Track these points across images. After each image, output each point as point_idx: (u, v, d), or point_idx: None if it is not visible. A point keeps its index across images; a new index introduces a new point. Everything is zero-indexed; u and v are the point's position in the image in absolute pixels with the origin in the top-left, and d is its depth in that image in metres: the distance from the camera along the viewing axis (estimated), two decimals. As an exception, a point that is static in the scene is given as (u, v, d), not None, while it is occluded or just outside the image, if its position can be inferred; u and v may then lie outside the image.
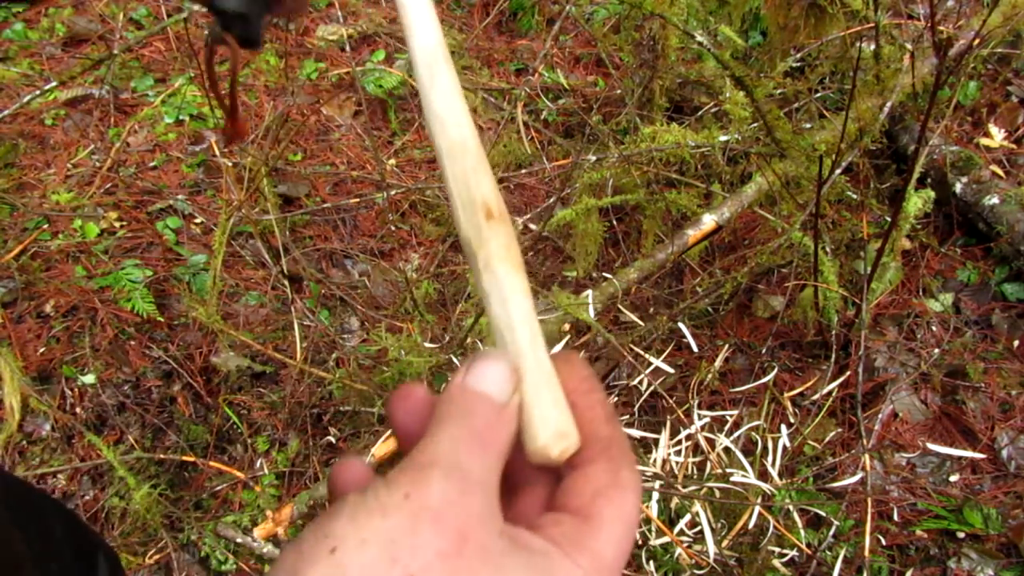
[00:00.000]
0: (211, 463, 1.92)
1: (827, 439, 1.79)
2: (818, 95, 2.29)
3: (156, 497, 1.77)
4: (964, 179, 2.10)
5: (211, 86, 0.55)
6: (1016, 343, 1.94)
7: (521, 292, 0.41)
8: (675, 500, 1.64)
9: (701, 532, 1.57)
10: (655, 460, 1.69)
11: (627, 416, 1.87)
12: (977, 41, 1.70)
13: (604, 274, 2.01)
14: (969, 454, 1.75)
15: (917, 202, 1.75)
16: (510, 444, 0.35)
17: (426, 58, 0.48)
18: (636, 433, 1.77)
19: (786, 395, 1.87)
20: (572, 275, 2.17)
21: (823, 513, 1.68)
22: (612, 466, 0.35)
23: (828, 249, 1.83)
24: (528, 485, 0.38)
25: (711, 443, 1.71)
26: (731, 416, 1.76)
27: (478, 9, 3.11)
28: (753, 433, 1.78)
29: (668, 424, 1.76)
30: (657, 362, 1.79)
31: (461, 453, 0.32)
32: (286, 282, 2.15)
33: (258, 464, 1.93)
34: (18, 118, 2.64)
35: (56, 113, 2.67)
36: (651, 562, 1.61)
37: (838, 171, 1.75)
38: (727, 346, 1.97)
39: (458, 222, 0.44)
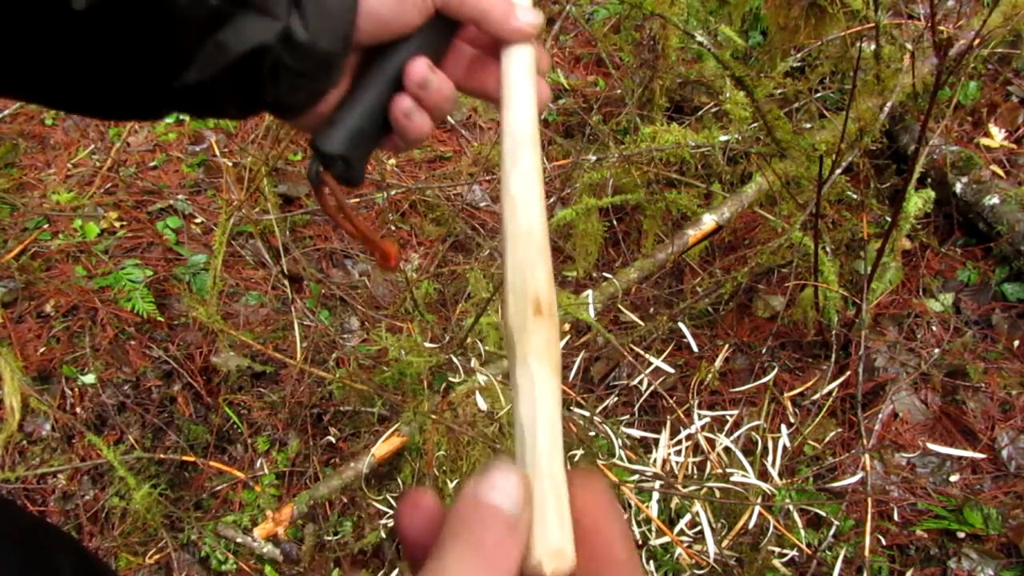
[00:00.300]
0: (211, 463, 1.92)
1: (827, 439, 1.79)
2: (818, 95, 2.29)
3: (156, 497, 1.77)
4: (964, 179, 2.10)
5: (334, 222, 0.55)
6: (1016, 343, 1.94)
7: (551, 394, 0.40)
8: (675, 500, 1.64)
9: (701, 532, 1.57)
10: (655, 460, 1.69)
11: (627, 416, 1.87)
12: (977, 41, 1.70)
13: (604, 274, 2.01)
14: (969, 454, 1.75)
15: (917, 202, 1.75)
16: (521, 560, 0.34)
17: (516, 136, 0.48)
18: (636, 433, 1.77)
19: (786, 395, 1.87)
20: (572, 275, 2.17)
21: (823, 513, 1.68)
22: None
23: (828, 249, 1.83)
24: None
25: (711, 443, 1.71)
26: (731, 416, 1.76)
27: (478, 9, 3.11)
28: (753, 433, 1.78)
29: (668, 424, 1.75)
30: (657, 362, 1.79)
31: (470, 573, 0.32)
32: (286, 282, 2.15)
33: (258, 464, 1.93)
34: (18, 118, 2.64)
35: (56, 113, 2.67)
36: (651, 562, 1.61)
37: (838, 171, 1.75)
38: (727, 346, 1.97)
39: (506, 308, 0.44)
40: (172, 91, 0.48)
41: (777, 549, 1.60)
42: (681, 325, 1.93)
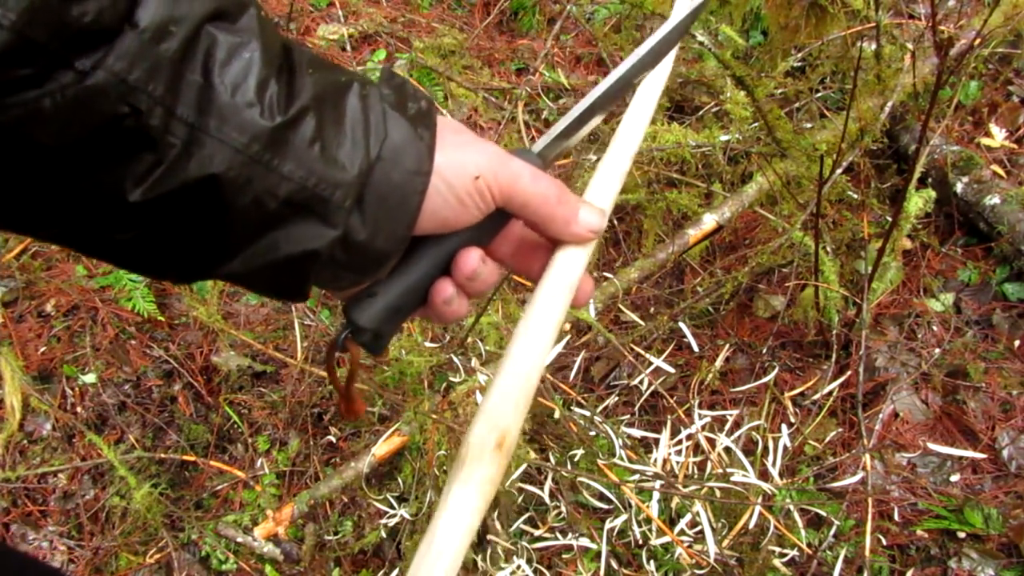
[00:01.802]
0: (212, 462, 1.93)
1: (828, 439, 1.78)
2: (819, 95, 2.29)
3: (157, 496, 1.78)
4: (965, 179, 2.09)
5: (330, 375, 0.55)
6: (1017, 343, 1.94)
7: (470, 520, 0.43)
8: (676, 500, 1.64)
9: (702, 532, 1.57)
10: (656, 460, 1.69)
11: (628, 416, 1.87)
12: (978, 41, 1.70)
13: (605, 273, 2.01)
14: (970, 454, 1.75)
15: (918, 202, 1.75)
16: None
17: (546, 313, 0.52)
18: (637, 433, 1.77)
19: (787, 395, 1.87)
20: (573, 275, 2.16)
21: (824, 513, 1.68)
22: None
23: (829, 249, 1.83)
24: None
25: (712, 443, 1.71)
26: (732, 416, 1.76)
27: (479, 8, 3.11)
28: (754, 433, 1.78)
29: (669, 424, 1.76)
30: (658, 362, 1.79)
31: None
32: (287, 281, 2.15)
33: (259, 463, 1.93)
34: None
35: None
36: (651, 562, 1.62)
37: (839, 171, 1.75)
38: (728, 346, 1.97)
39: (475, 424, 0.47)
40: (213, 272, 0.48)
41: (777, 549, 1.60)
42: (682, 325, 1.93)
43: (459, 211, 0.50)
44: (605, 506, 1.68)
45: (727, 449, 1.70)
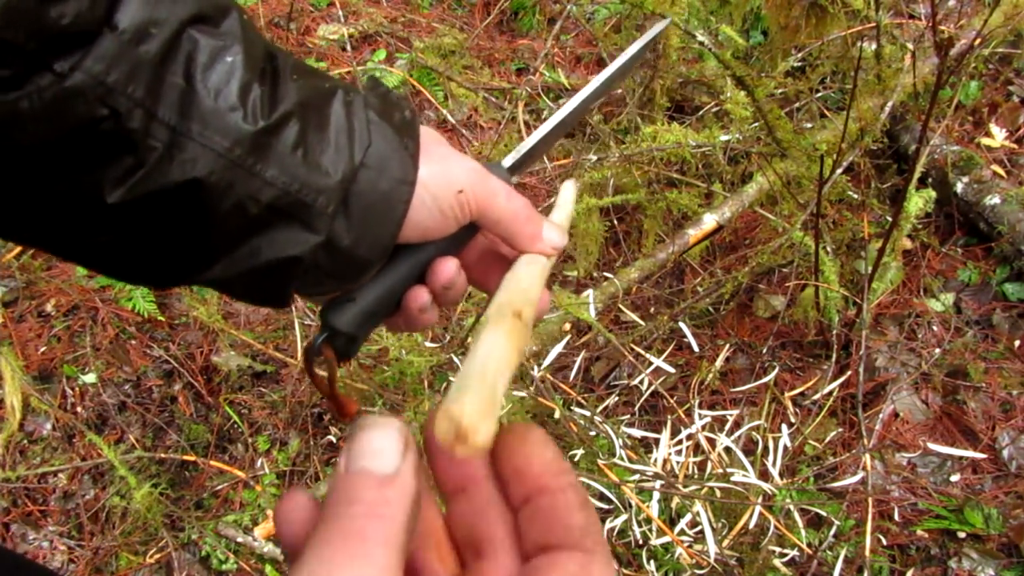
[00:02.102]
0: (212, 462, 1.93)
1: (828, 439, 1.78)
2: (819, 95, 2.29)
3: (157, 496, 1.78)
4: (965, 179, 2.09)
5: (312, 379, 0.55)
6: (1017, 343, 1.94)
7: (508, 352, 0.42)
8: (676, 500, 1.64)
9: (702, 532, 1.57)
10: (656, 460, 1.69)
11: (628, 416, 1.87)
12: (978, 41, 1.70)
13: (605, 273, 2.01)
14: (970, 454, 1.75)
15: (918, 202, 1.75)
16: (407, 515, 0.31)
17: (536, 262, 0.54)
18: (637, 433, 1.77)
19: (787, 395, 1.87)
20: (573, 274, 2.17)
21: (824, 513, 1.68)
22: (585, 559, 0.32)
23: (829, 249, 1.83)
24: (492, 555, 0.34)
25: (712, 443, 1.71)
26: (732, 416, 1.76)
27: (479, 8, 3.11)
28: (754, 433, 1.78)
29: (669, 424, 1.76)
30: (658, 362, 1.79)
31: (335, 571, 0.28)
32: (287, 281, 2.15)
33: (259, 463, 1.93)
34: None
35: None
36: (652, 562, 1.61)
37: (839, 171, 1.75)
38: (728, 346, 1.97)
39: (496, 299, 0.48)
40: (194, 279, 0.48)
41: (778, 549, 1.60)
42: (682, 325, 1.93)
43: (440, 222, 0.51)
44: (605, 506, 1.68)
45: (727, 449, 1.70)
